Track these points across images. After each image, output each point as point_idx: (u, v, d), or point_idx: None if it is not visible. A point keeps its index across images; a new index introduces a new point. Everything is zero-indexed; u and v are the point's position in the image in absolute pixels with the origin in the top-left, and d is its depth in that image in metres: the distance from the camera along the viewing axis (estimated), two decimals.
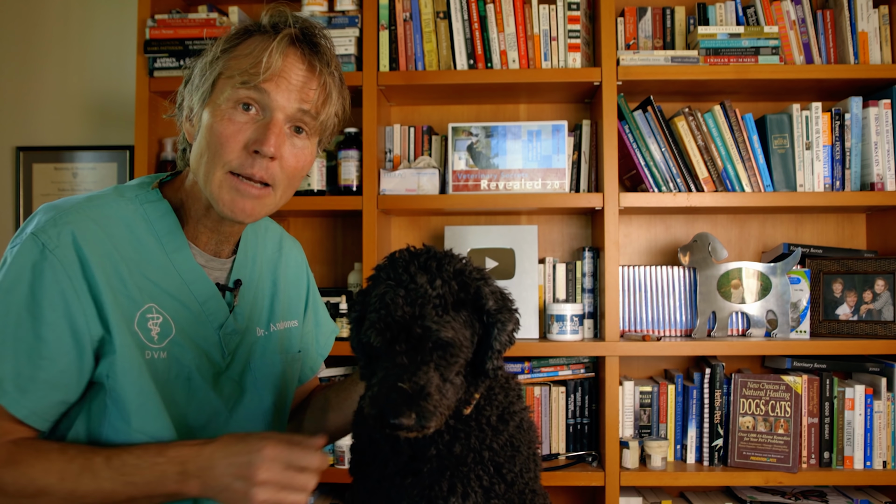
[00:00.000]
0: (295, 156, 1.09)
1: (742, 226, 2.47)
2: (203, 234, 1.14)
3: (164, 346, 1.07)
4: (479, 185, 2.25)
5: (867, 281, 2.24)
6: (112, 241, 1.04)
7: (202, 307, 1.12)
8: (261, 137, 1.04)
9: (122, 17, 2.64)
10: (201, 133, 1.07)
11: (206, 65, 1.08)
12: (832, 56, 2.28)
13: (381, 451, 0.99)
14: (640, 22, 2.36)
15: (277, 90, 1.05)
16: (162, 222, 1.10)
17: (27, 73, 2.70)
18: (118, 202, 1.08)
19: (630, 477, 2.15)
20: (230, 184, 1.05)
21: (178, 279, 1.10)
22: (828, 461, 2.18)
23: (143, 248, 1.07)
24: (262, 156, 1.05)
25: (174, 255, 1.10)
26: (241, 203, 1.06)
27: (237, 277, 1.19)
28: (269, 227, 1.32)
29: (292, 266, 1.33)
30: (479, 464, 0.96)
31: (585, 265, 2.31)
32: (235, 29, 1.10)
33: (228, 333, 1.15)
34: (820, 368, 2.22)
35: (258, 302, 1.22)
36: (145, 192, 1.11)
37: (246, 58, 1.05)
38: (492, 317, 0.94)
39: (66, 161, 2.67)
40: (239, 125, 1.05)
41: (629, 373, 2.43)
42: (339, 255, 2.53)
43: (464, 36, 2.26)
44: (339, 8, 2.29)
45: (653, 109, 2.24)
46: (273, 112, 1.05)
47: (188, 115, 1.11)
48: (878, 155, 2.20)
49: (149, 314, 1.05)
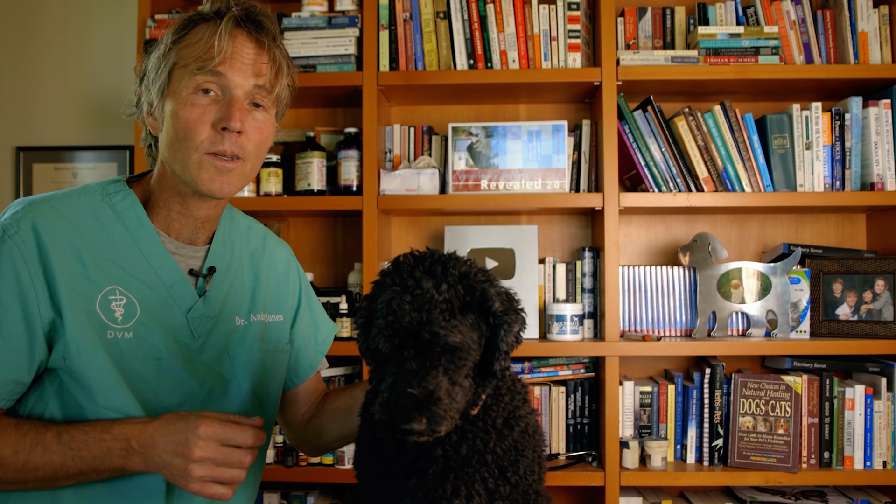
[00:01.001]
0: (258, 129, 1.16)
1: (742, 226, 2.47)
2: (175, 222, 1.19)
3: (130, 326, 1.12)
4: (479, 185, 2.25)
5: (867, 281, 2.24)
6: (75, 229, 1.10)
7: (169, 291, 1.16)
8: (226, 115, 1.11)
9: (122, 17, 2.64)
10: (167, 123, 1.14)
11: (160, 58, 1.14)
12: (832, 56, 2.28)
13: (384, 448, 0.99)
14: (640, 22, 2.36)
15: (232, 70, 1.12)
16: (128, 211, 1.16)
17: (27, 73, 2.70)
18: (86, 194, 1.15)
19: (630, 477, 2.15)
20: (209, 162, 1.12)
21: (145, 263, 1.15)
22: (828, 461, 2.18)
23: (110, 235, 1.13)
24: (230, 131, 1.12)
25: (141, 241, 1.15)
26: (218, 179, 1.13)
27: (211, 264, 1.23)
28: (253, 225, 1.37)
29: (278, 263, 1.36)
30: (483, 466, 0.96)
31: (585, 265, 2.31)
32: (181, 20, 1.16)
33: (197, 317, 1.19)
34: (820, 368, 2.22)
35: (237, 291, 1.26)
36: (112, 185, 1.18)
37: (196, 45, 1.12)
38: (498, 318, 0.94)
39: (66, 161, 2.67)
40: (202, 108, 1.11)
41: (629, 373, 2.43)
42: (339, 255, 2.53)
43: (464, 36, 2.26)
44: (339, 8, 2.29)
45: (653, 109, 2.24)
46: (232, 90, 1.12)
47: (149, 110, 1.17)
48: (878, 155, 2.20)
49: (111, 296, 1.11)
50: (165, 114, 1.13)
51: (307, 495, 2.24)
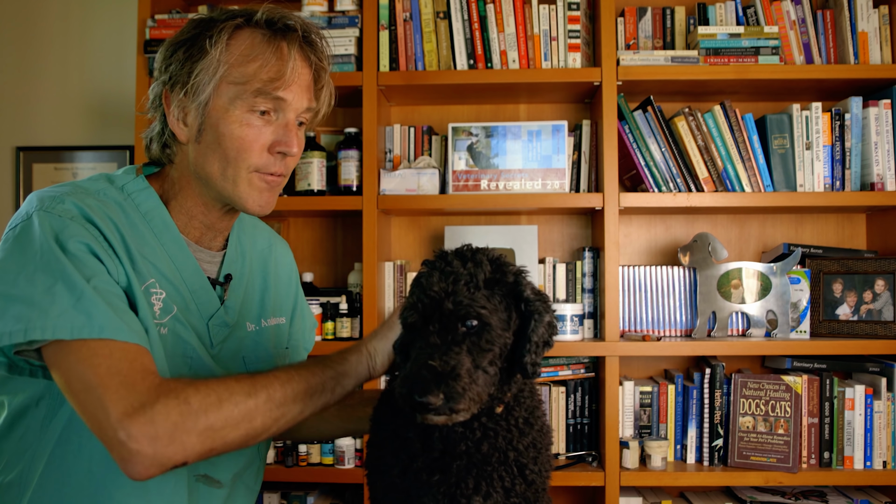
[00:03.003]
0: (300, 146, 1.14)
1: (742, 226, 2.47)
2: (195, 229, 1.16)
3: (165, 322, 1.08)
4: (479, 185, 2.25)
5: (867, 281, 2.24)
6: (113, 218, 1.05)
7: (192, 296, 1.13)
8: (284, 140, 1.09)
9: (122, 17, 2.64)
10: (211, 137, 1.08)
11: (207, 69, 1.06)
12: (832, 56, 2.28)
13: (406, 446, 0.98)
14: (640, 22, 2.36)
15: (292, 94, 1.09)
16: (153, 212, 1.11)
17: (27, 73, 2.70)
18: (110, 187, 1.10)
19: (630, 477, 2.15)
20: (259, 181, 1.10)
21: (171, 265, 1.11)
22: (828, 461, 2.18)
23: (139, 232, 1.09)
24: (288, 156, 1.11)
25: (167, 243, 1.11)
26: (266, 197, 1.12)
27: (227, 272, 1.20)
28: (258, 224, 1.34)
29: (283, 265, 1.35)
30: (503, 464, 0.96)
31: (585, 265, 2.31)
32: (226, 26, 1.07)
33: (217, 325, 1.16)
34: (820, 368, 2.22)
35: (249, 297, 1.24)
36: (133, 181, 1.13)
37: (254, 63, 1.06)
38: (530, 304, 0.93)
39: (66, 161, 2.66)
40: (258, 129, 1.08)
41: (629, 373, 2.43)
42: (339, 255, 2.53)
43: (464, 36, 2.26)
44: (339, 8, 2.29)
45: (653, 109, 2.24)
46: (287, 114, 1.10)
47: (179, 116, 1.10)
48: (878, 155, 2.20)
49: (153, 288, 1.07)
50: (208, 127, 1.08)
51: (307, 495, 2.24)
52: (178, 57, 1.09)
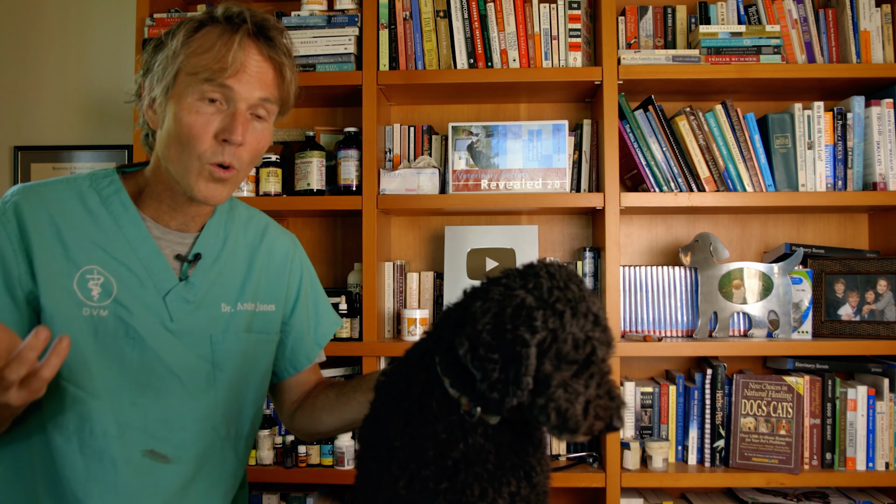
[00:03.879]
0: (256, 139, 1.18)
1: (744, 226, 2.46)
2: (165, 214, 1.23)
3: (106, 304, 1.16)
4: (480, 185, 2.24)
5: (869, 281, 2.23)
6: (57, 212, 1.16)
7: (148, 273, 1.20)
8: (228, 127, 1.14)
9: (121, 16, 2.63)
10: (169, 123, 1.16)
11: (168, 59, 1.15)
12: (834, 55, 2.27)
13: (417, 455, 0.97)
14: (641, 21, 2.35)
15: (239, 83, 1.14)
16: (112, 197, 1.20)
17: (25, 72, 2.69)
18: (76, 181, 1.21)
19: (631, 478, 2.14)
20: (208, 173, 1.15)
21: (126, 245, 1.19)
22: (830, 462, 2.17)
23: (94, 218, 1.18)
24: (231, 144, 1.14)
25: (124, 225, 1.19)
26: (214, 188, 1.17)
27: (198, 251, 1.25)
28: (255, 216, 1.39)
29: (277, 253, 1.37)
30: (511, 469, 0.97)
31: (586, 265, 2.30)
32: (191, 22, 1.17)
33: (176, 301, 1.21)
34: (822, 369, 2.21)
35: (226, 279, 1.28)
36: (101, 172, 1.23)
37: (206, 54, 1.13)
38: None
39: (64, 160, 2.66)
40: (206, 117, 1.13)
41: (630, 373, 2.42)
42: (338, 255, 2.52)
43: (464, 35, 2.25)
44: (338, 7, 2.28)
45: (654, 109, 2.23)
46: (237, 103, 1.14)
47: (150, 104, 1.19)
48: (880, 154, 2.19)
49: (89, 275, 1.16)
50: (167, 113, 1.15)
51: (306, 496, 2.23)
52: (149, 49, 1.20)
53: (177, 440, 1.20)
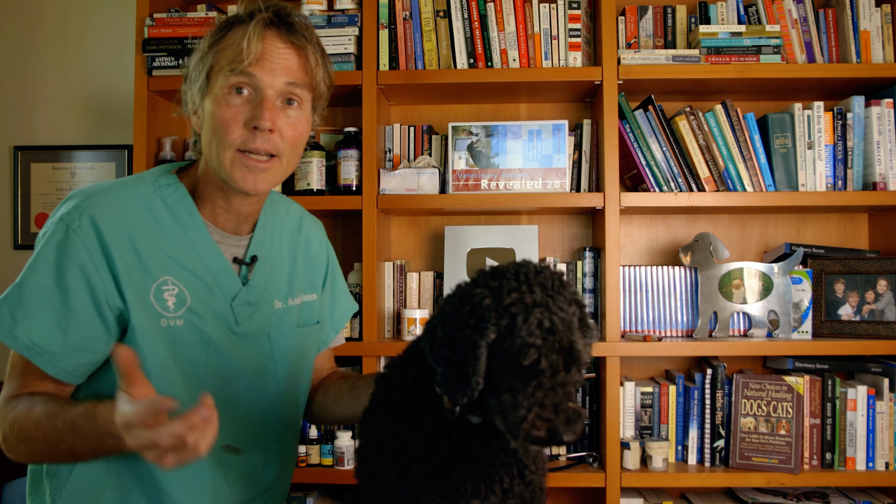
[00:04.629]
0: (291, 125, 1.20)
1: (744, 226, 2.46)
2: (220, 215, 1.25)
3: (181, 314, 1.18)
4: (480, 185, 2.24)
5: (869, 281, 2.23)
6: (130, 222, 1.17)
7: (215, 279, 1.22)
8: (257, 114, 1.16)
9: (121, 16, 2.63)
10: (206, 121, 1.20)
11: (199, 60, 1.20)
12: (834, 55, 2.27)
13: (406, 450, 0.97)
14: (641, 21, 2.35)
15: (262, 71, 1.17)
16: (178, 204, 1.22)
17: (25, 72, 2.69)
18: (138, 186, 1.21)
19: (631, 478, 2.14)
20: (240, 160, 1.17)
21: (194, 254, 1.21)
22: (830, 462, 2.17)
23: (161, 226, 1.19)
24: (261, 130, 1.16)
25: (190, 232, 1.21)
26: (251, 177, 1.18)
27: (254, 253, 1.29)
28: (290, 207, 1.43)
29: (314, 244, 1.43)
30: (505, 466, 0.97)
31: (586, 265, 2.30)
32: (218, 23, 1.22)
33: (240, 305, 1.25)
34: (822, 369, 2.21)
35: (276, 277, 1.32)
36: (163, 177, 1.24)
37: (230, 48, 1.17)
38: None
39: (64, 161, 2.66)
40: (236, 108, 1.17)
41: (630, 373, 2.42)
42: (338, 254, 2.50)
43: (464, 35, 2.25)
44: (338, 7, 2.28)
45: (654, 109, 2.23)
46: (263, 90, 1.17)
47: (193, 110, 1.23)
48: (880, 154, 2.19)
49: (164, 286, 1.17)
50: (205, 112, 1.20)
51: (306, 496, 2.23)
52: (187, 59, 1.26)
53: (245, 433, 1.26)
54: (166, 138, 2.33)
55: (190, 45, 2.23)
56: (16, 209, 2.66)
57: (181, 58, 2.24)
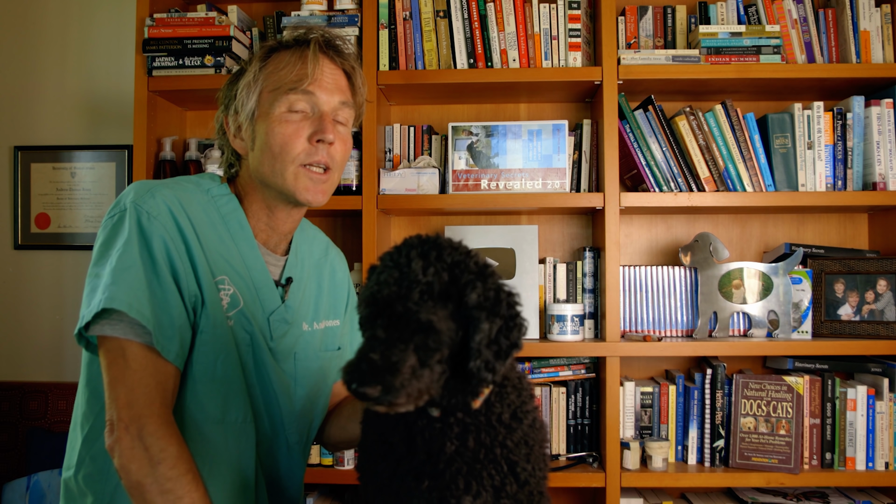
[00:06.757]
0: (343, 141, 1.29)
1: (743, 226, 2.46)
2: (262, 233, 1.31)
3: (232, 314, 1.22)
4: (480, 185, 2.24)
5: (869, 281, 2.23)
6: (194, 217, 1.21)
7: (258, 292, 1.27)
8: (320, 128, 1.24)
9: (121, 16, 2.63)
10: (261, 140, 1.24)
11: (248, 84, 1.25)
12: (834, 55, 2.27)
13: (392, 450, 0.98)
14: (641, 21, 2.35)
15: (321, 90, 1.25)
16: (232, 215, 1.27)
17: (25, 72, 2.69)
18: (196, 189, 1.26)
19: (631, 478, 2.14)
20: (304, 174, 1.24)
21: (242, 263, 1.26)
22: (830, 462, 2.17)
23: (217, 231, 1.24)
24: (324, 143, 1.24)
25: (240, 242, 1.26)
26: (313, 188, 1.25)
27: (289, 275, 1.33)
28: (317, 235, 1.48)
29: (338, 271, 1.48)
30: (491, 462, 0.96)
31: (586, 265, 2.30)
32: (263, 49, 1.29)
33: (277, 321, 1.29)
34: (822, 369, 2.21)
35: (305, 300, 1.37)
36: (216, 187, 1.29)
37: (285, 69, 1.24)
38: (468, 311, 0.91)
39: (64, 161, 2.66)
40: (296, 124, 1.23)
41: (630, 373, 2.42)
42: None
43: (464, 35, 2.25)
44: (338, 7, 2.28)
45: (654, 109, 2.23)
46: (321, 107, 1.25)
47: (236, 133, 1.28)
48: (880, 154, 2.19)
49: (221, 284, 1.22)
50: (258, 134, 1.25)
51: (307, 496, 2.23)
52: (224, 87, 1.31)
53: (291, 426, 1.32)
54: (166, 138, 2.33)
55: (190, 45, 2.24)
56: (16, 209, 2.66)
57: (181, 58, 2.24)
